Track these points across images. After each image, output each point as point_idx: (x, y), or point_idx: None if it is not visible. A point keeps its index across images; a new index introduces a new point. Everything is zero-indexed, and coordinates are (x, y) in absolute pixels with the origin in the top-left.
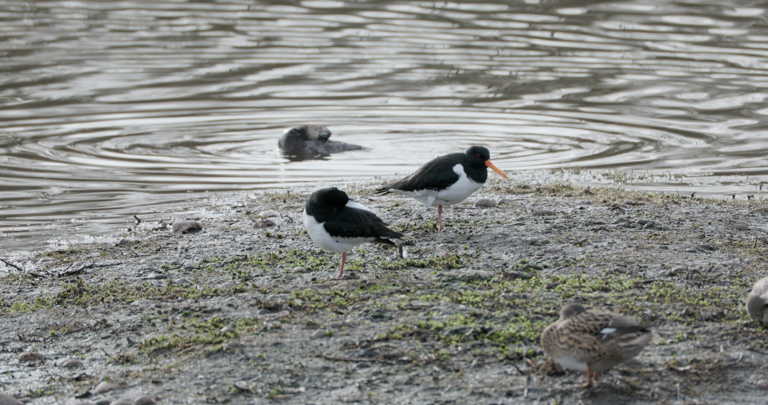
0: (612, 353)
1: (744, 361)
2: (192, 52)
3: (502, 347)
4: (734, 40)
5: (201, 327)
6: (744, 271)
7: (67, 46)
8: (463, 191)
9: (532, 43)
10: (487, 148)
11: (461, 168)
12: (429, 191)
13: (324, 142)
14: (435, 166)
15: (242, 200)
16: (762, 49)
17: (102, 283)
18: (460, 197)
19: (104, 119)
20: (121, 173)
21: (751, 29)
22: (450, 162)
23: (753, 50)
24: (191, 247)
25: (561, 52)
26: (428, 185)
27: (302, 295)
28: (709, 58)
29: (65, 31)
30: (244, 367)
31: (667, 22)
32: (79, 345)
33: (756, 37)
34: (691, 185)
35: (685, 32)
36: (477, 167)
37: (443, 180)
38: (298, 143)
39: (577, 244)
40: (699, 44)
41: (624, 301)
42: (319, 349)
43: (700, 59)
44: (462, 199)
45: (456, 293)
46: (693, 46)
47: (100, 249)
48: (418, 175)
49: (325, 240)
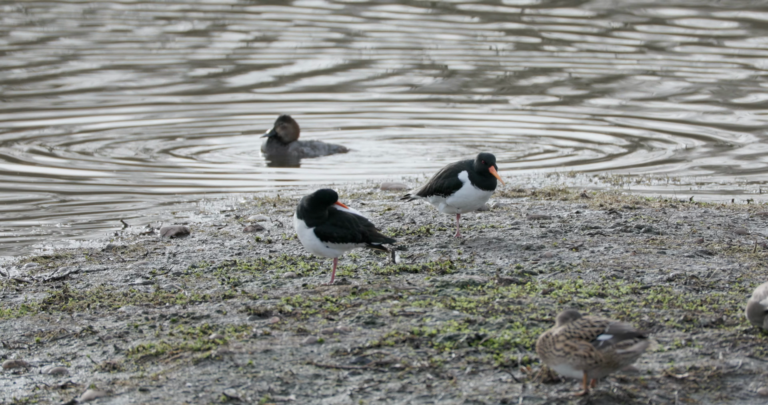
0: (609, 360)
1: (743, 369)
2: (178, 52)
3: (497, 354)
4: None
5: (189, 334)
6: (743, 276)
7: (45, 46)
8: (470, 199)
9: (528, 42)
10: (494, 155)
11: (466, 175)
12: (438, 198)
13: (309, 142)
14: (444, 172)
15: (231, 204)
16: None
17: (88, 289)
18: (468, 204)
19: (89, 122)
20: (107, 176)
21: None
22: (457, 168)
23: (753, 51)
24: (179, 252)
25: (562, 51)
26: (436, 191)
27: (293, 301)
28: (714, 60)
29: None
30: (234, 375)
31: (675, 23)
32: (65, 352)
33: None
34: (690, 189)
35: (689, 34)
36: (483, 174)
37: (449, 186)
38: (280, 145)
39: (573, 248)
40: (703, 45)
41: (621, 307)
42: (309, 356)
43: (705, 61)
44: (471, 206)
45: (449, 299)
46: (697, 47)
47: (86, 254)
48: (430, 181)
49: (315, 245)
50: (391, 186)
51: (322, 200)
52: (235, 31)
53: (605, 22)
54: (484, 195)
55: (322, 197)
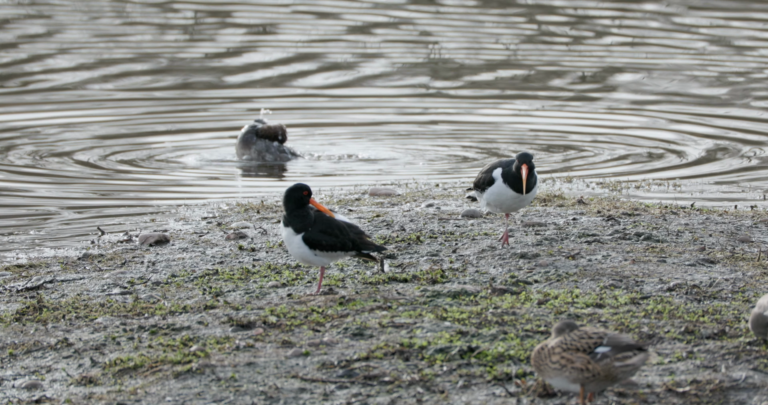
0: (607, 373)
1: (747, 382)
2: (145, 49)
3: (490, 367)
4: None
5: (169, 346)
6: (747, 286)
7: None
8: (502, 197)
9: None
10: (530, 154)
11: (500, 172)
12: (477, 192)
13: (281, 145)
14: (486, 167)
15: (213, 211)
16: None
17: (63, 299)
18: (501, 202)
19: (55, 123)
20: (83, 180)
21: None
22: (497, 165)
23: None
24: (159, 261)
25: (574, 45)
26: (476, 185)
27: (277, 312)
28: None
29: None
30: (215, 389)
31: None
32: (39, 365)
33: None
34: (691, 195)
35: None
36: (517, 174)
37: (484, 181)
38: (253, 147)
39: (570, 257)
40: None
41: (619, 318)
42: (295, 369)
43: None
44: (505, 205)
45: (441, 309)
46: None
47: (61, 263)
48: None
49: (303, 253)
50: (380, 192)
51: (293, 195)
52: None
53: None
54: (514, 196)
55: (293, 192)
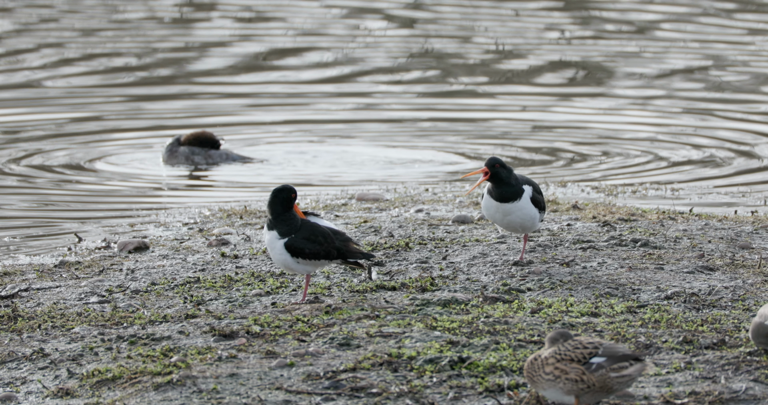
0: (602, 384)
1: (747, 394)
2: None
3: (482, 378)
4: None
5: (149, 356)
6: (747, 294)
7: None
8: (491, 210)
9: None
10: (496, 158)
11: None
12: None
13: (216, 151)
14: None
15: (194, 216)
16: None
17: (39, 308)
18: (492, 216)
19: (16, 122)
20: (57, 185)
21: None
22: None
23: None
24: (138, 269)
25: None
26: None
27: (261, 321)
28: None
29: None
30: (197, 401)
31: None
32: (14, 376)
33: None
34: (689, 200)
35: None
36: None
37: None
38: (180, 154)
39: (564, 264)
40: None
41: (615, 328)
42: (279, 380)
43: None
44: (498, 219)
45: (431, 319)
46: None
47: (36, 270)
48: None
49: (285, 260)
50: (368, 197)
51: (280, 196)
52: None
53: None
54: (497, 206)
55: (279, 193)
